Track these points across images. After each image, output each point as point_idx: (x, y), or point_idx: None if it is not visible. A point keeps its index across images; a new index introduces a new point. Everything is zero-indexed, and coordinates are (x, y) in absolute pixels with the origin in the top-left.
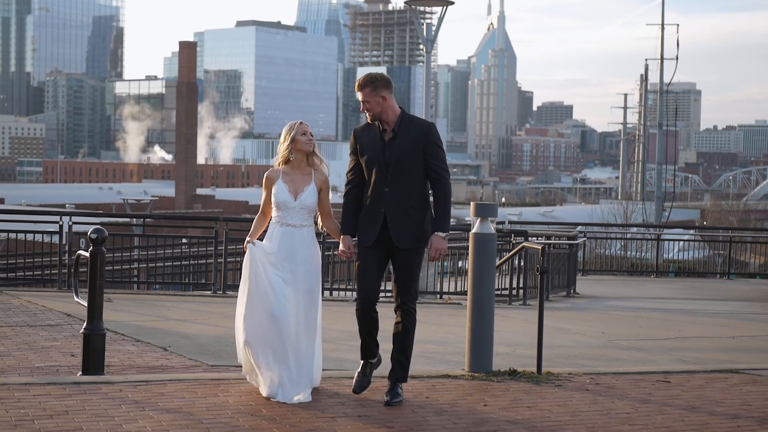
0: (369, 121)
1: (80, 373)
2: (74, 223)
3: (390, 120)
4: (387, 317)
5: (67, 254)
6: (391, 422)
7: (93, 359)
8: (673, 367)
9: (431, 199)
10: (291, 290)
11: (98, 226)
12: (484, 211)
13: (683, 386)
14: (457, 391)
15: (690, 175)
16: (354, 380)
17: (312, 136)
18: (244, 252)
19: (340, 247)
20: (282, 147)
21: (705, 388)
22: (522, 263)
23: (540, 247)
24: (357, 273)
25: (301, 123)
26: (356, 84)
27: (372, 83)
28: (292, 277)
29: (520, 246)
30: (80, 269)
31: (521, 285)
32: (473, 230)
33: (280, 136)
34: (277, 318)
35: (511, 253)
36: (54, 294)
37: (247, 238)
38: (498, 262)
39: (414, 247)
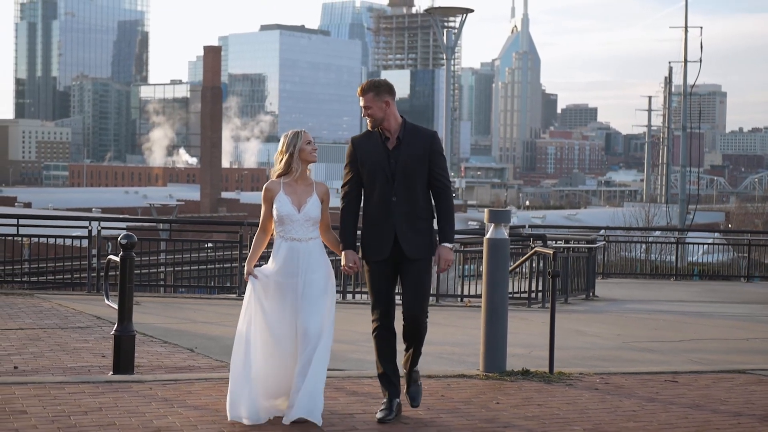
0: (369, 128)
1: (111, 372)
2: (103, 228)
3: (392, 128)
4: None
5: (96, 258)
6: (406, 419)
7: (123, 359)
8: (681, 368)
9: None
10: (288, 303)
11: (128, 232)
12: (498, 217)
13: (690, 386)
14: (471, 390)
15: (715, 178)
16: (379, 416)
17: (315, 145)
18: (245, 282)
19: (345, 263)
20: (284, 157)
21: (711, 388)
22: (541, 266)
23: (551, 252)
24: (372, 290)
25: (304, 132)
26: (359, 89)
27: (375, 88)
28: (294, 294)
29: (533, 251)
30: (110, 273)
31: (540, 288)
32: (487, 236)
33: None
34: (276, 339)
35: (523, 258)
36: (83, 297)
37: (247, 267)
38: (513, 266)
39: (425, 257)
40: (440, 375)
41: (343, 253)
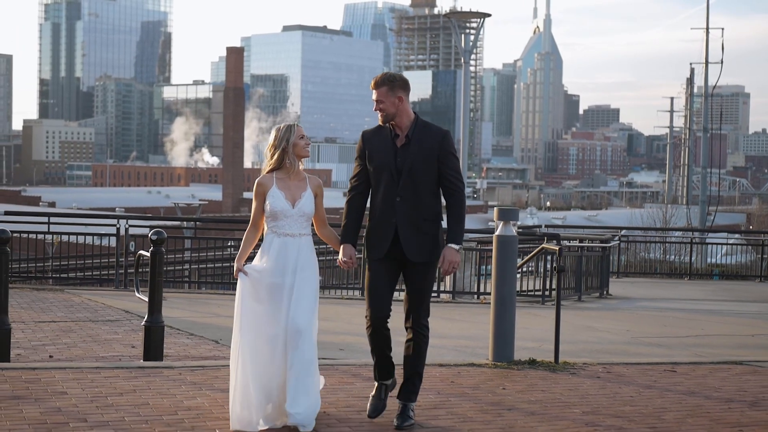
0: (381, 123)
1: (142, 361)
2: (131, 225)
3: (403, 124)
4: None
5: (124, 255)
6: (418, 402)
7: (153, 349)
8: (681, 359)
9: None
10: (283, 304)
11: (158, 229)
12: (507, 215)
13: (687, 375)
14: (480, 377)
15: (738, 179)
16: (368, 404)
17: (308, 139)
18: (235, 279)
19: (341, 257)
20: (275, 152)
21: (707, 377)
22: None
23: (557, 249)
24: (367, 288)
25: (297, 126)
26: (372, 82)
27: (390, 82)
28: (282, 291)
29: (540, 247)
30: (140, 268)
31: (554, 287)
32: (496, 233)
33: (327, 140)
34: (271, 339)
35: (531, 254)
36: (112, 292)
37: (237, 265)
38: (529, 264)
39: (427, 260)
40: (451, 364)
41: (341, 247)
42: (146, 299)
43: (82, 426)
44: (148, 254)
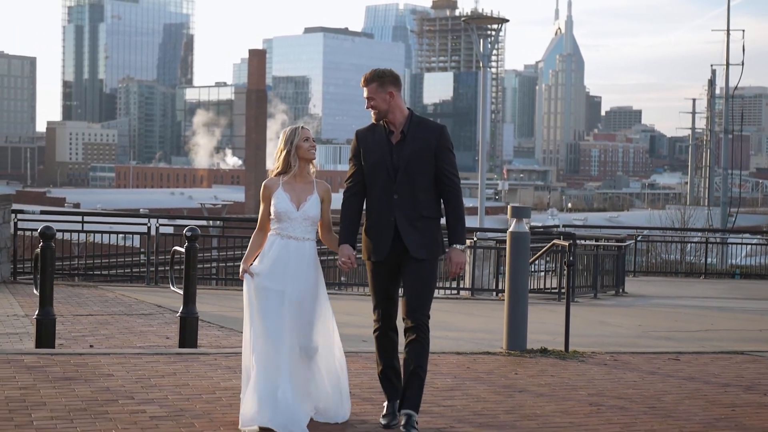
0: (374, 120)
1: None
2: (161, 225)
3: (397, 120)
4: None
5: (155, 253)
6: (435, 385)
7: (188, 338)
8: (685, 349)
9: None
10: (285, 307)
11: (192, 226)
12: (519, 212)
13: (690, 363)
14: (494, 364)
15: (761, 181)
16: (383, 422)
17: (314, 142)
18: (241, 280)
19: (341, 258)
20: (281, 154)
21: (708, 365)
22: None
23: (568, 244)
24: (373, 290)
25: (302, 128)
26: (362, 80)
27: (379, 78)
28: (282, 297)
29: (551, 243)
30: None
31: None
32: (510, 229)
33: (349, 142)
34: (272, 336)
35: (543, 249)
36: (143, 288)
37: (243, 266)
38: (546, 261)
39: (428, 257)
40: (468, 352)
41: (339, 247)
42: (181, 292)
43: (130, 402)
44: (182, 250)
